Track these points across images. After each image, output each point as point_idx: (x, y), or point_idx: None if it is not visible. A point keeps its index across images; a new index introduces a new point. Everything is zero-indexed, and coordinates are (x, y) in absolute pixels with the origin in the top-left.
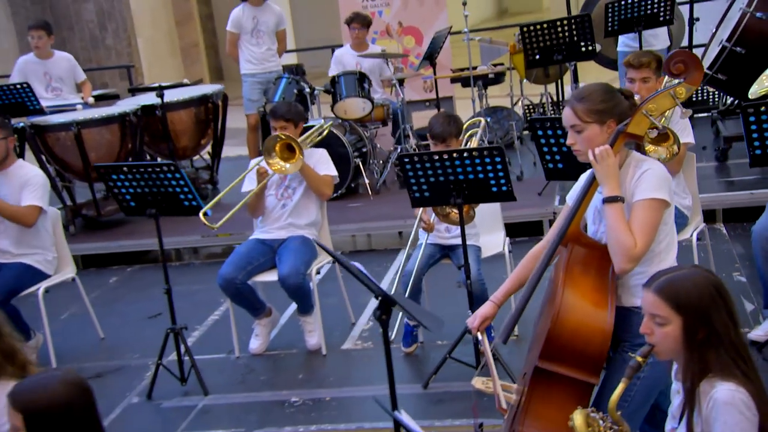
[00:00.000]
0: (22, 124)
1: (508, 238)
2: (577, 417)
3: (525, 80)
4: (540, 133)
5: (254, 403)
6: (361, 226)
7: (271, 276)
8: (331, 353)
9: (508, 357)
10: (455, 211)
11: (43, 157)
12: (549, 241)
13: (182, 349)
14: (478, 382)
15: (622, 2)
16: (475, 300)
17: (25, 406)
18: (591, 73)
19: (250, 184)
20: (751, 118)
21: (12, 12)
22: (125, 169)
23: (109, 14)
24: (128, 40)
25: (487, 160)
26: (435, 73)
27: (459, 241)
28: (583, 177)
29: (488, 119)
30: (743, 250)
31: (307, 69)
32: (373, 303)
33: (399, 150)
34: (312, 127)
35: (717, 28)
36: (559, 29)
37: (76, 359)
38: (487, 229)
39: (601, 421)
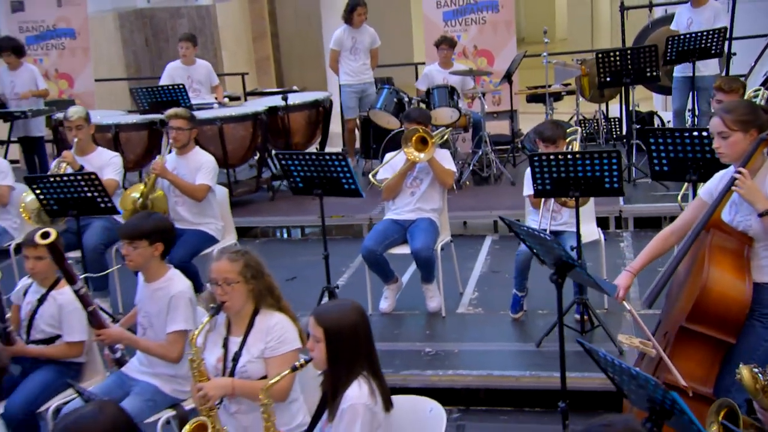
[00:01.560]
0: None
1: (599, 228)
2: (744, 371)
3: (582, 98)
4: (652, 140)
5: (395, 351)
6: (454, 214)
7: (403, 249)
8: (448, 315)
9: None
10: (571, 200)
11: None
12: (692, 226)
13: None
14: (624, 338)
15: (682, 36)
16: None
17: (326, 322)
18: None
19: (384, 173)
20: None
21: (120, 25)
22: (300, 156)
23: (200, 30)
24: (215, 52)
25: (605, 161)
26: (511, 90)
27: (564, 228)
28: (719, 176)
29: None
30: None
31: None
32: (476, 276)
33: (480, 153)
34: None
35: (756, 62)
36: (630, 57)
37: None
38: (584, 220)
39: (760, 375)
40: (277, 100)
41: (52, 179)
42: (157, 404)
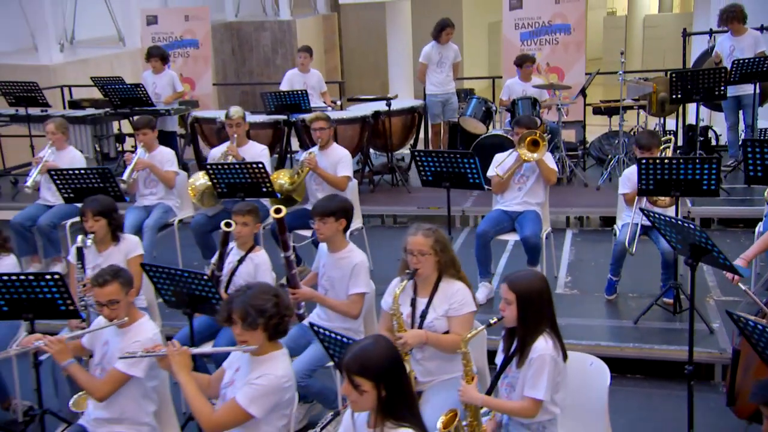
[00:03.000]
0: (294, 118)
1: None
2: None
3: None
4: (749, 150)
5: None
6: None
7: (509, 236)
8: None
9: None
10: (662, 198)
11: (307, 143)
12: None
13: None
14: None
15: (747, 60)
16: (670, 264)
17: (517, 288)
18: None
19: (496, 168)
20: None
21: (212, 35)
22: (434, 153)
23: (281, 42)
24: (293, 62)
25: (706, 166)
26: (585, 102)
27: None
28: None
29: (625, 140)
30: None
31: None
32: (565, 263)
33: (556, 158)
34: (496, 135)
35: None
36: (701, 77)
37: None
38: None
39: None
40: (375, 106)
41: (224, 167)
42: None
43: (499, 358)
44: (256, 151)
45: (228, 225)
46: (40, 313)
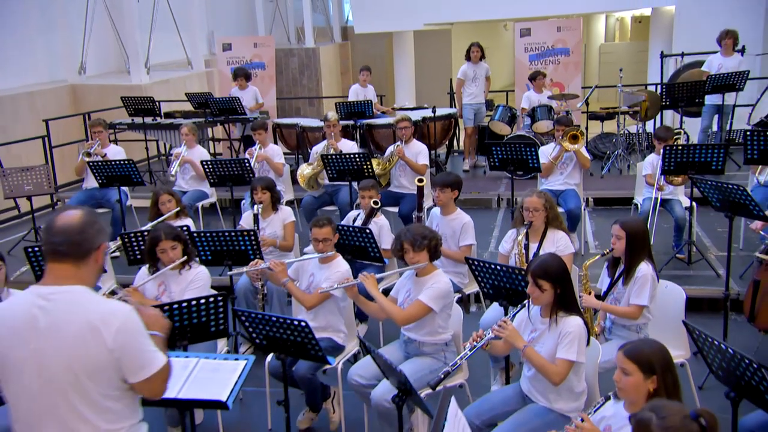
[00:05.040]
0: (360, 122)
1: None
2: None
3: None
4: (749, 136)
5: None
6: None
7: None
8: (586, 255)
9: None
10: (676, 178)
11: (369, 143)
12: None
13: None
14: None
15: (719, 75)
16: (681, 228)
17: (627, 228)
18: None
19: (542, 158)
20: None
21: None
22: (508, 145)
23: (306, 65)
24: (317, 81)
25: (715, 151)
26: (588, 109)
27: (670, 197)
28: None
29: (622, 139)
30: None
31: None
32: (590, 232)
33: None
34: (519, 136)
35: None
36: (685, 88)
37: None
38: (680, 193)
39: None
40: (423, 113)
41: (335, 157)
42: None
43: (603, 282)
44: (349, 146)
45: (376, 203)
46: (236, 260)
